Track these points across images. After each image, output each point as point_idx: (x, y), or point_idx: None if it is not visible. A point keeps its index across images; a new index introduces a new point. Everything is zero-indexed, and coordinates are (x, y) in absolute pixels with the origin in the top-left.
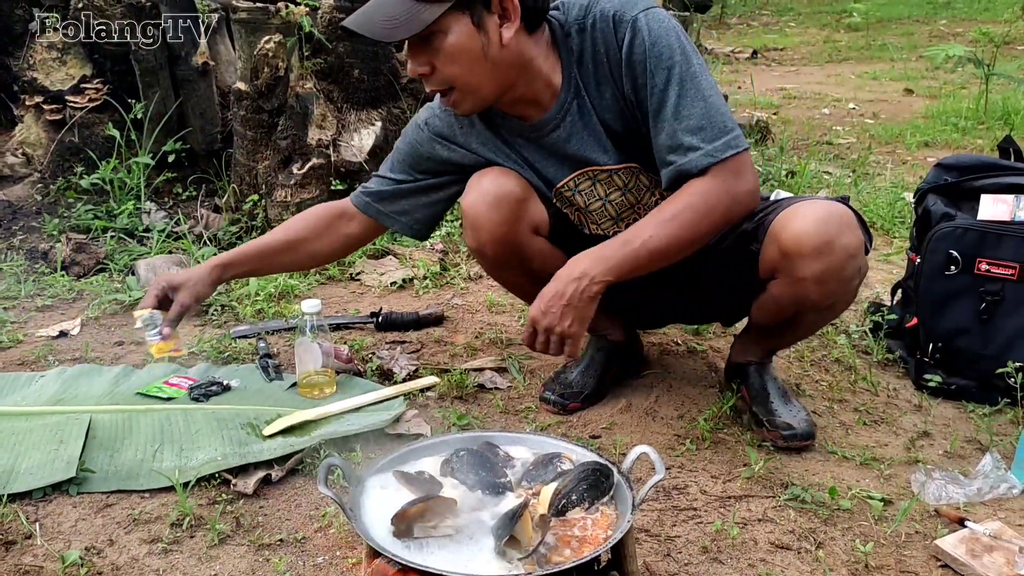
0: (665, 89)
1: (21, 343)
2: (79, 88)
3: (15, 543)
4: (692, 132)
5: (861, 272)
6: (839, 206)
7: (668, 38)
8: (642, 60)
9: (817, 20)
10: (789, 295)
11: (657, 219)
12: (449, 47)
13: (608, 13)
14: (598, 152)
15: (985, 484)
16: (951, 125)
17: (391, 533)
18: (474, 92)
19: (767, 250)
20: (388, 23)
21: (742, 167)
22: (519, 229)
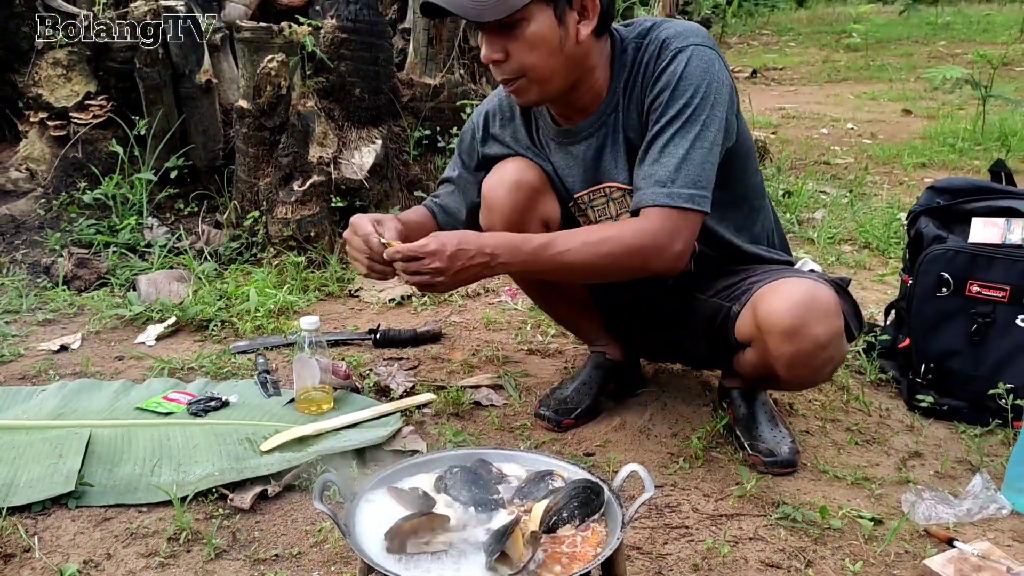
0: (669, 123)
1: (22, 357)
2: (83, 104)
3: (14, 556)
4: (666, 170)
5: (834, 361)
6: (824, 292)
7: (700, 79)
8: (664, 87)
9: (817, 40)
10: (761, 365)
11: (585, 238)
12: (530, 35)
13: (662, 38)
14: (620, 170)
15: (975, 504)
16: (948, 146)
17: (384, 549)
18: (542, 84)
19: (744, 317)
20: (477, 4)
21: (685, 227)
22: (530, 218)
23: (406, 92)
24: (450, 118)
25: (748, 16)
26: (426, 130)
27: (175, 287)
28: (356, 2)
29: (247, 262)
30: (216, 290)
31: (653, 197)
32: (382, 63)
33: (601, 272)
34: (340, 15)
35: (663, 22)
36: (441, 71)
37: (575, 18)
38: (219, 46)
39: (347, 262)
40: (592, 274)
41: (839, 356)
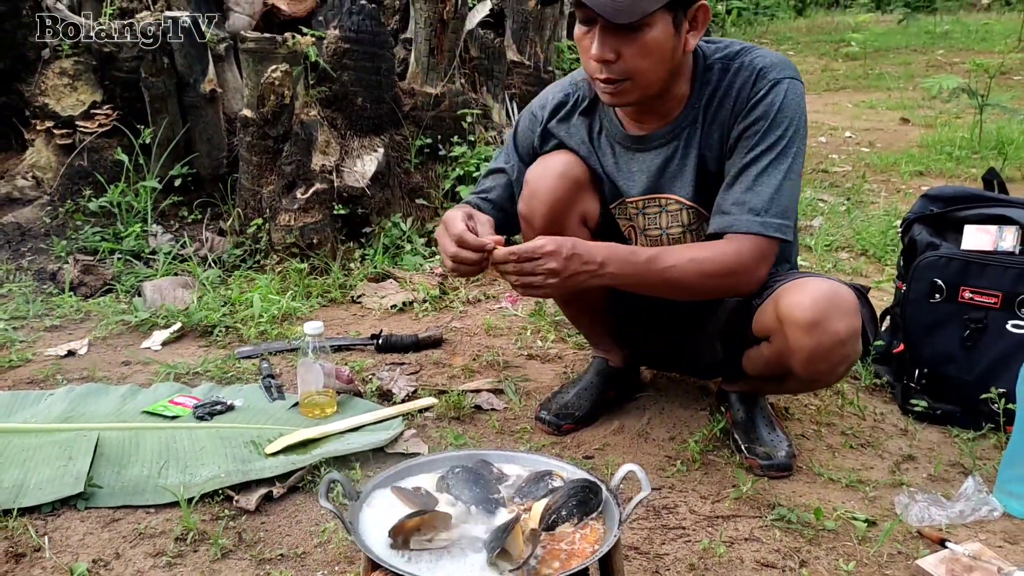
0: (764, 153)
1: (30, 362)
2: (89, 114)
3: (25, 556)
4: (760, 199)
5: (849, 359)
6: (846, 292)
7: (794, 113)
8: (762, 117)
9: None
10: (776, 360)
11: (689, 256)
12: (649, 41)
13: (757, 65)
14: (683, 185)
15: (967, 507)
16: (946, 154)
17: (388, 546)
18: (645, 88)
19: (766, 310)
20: (613, 3)
21: (771, 254)
22: (570, 211)
23: (407, 101)
24: (451, 127)
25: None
26: (427, 138)
27: (180, 293)
28: (359, 13)
29: (251, 269)
30: (220, 296)
31: (748, 225)
32: (384, 73)
33: (695, 290)
34: (343, 26)
35: (752, 48)
36: (442, 80)
37: (686, 27)
38: (223, 56)
39: (349, 268)
40: (687, 291)
41: (854, 355)
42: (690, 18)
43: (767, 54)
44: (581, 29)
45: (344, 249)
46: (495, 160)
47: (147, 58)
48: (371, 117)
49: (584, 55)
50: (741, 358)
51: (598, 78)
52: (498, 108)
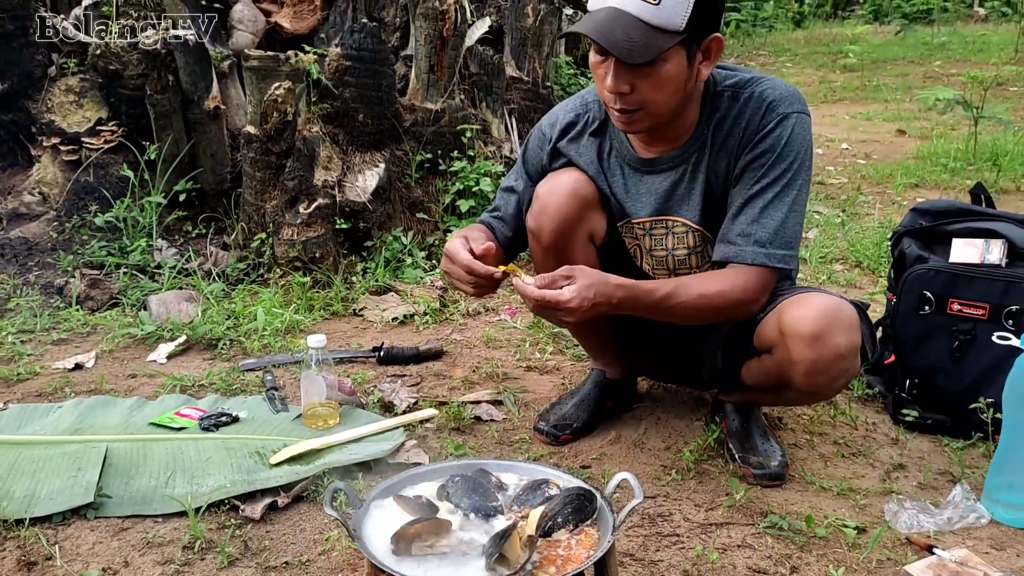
0: (770, 185)
1: (38, 375)
2: (95, 130)
3: (36, 564)
4: (766, 230)
5: (848, 373)
6: (847, 308)
7: (801, 147)
8: (769, 150)
9: (813, 61)
10: (776, 371)
11: (697, 289)
12: (663, 75)
13: (766, 97)
14: (690, 208)
15: (955, 514)
16: (941, 166)
17: (390, 551)
18: (657, 116)
19: (768, 323)
20: (629, 44)
21: (772, 283)
22: (578, 229)
23: (408, 117)
24: (451, 142)
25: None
26: (427, 154)
27: (185, 307)
28: (360, 31)
29: (254, 282)
30: (224, 310)
31: (753, 256)
32: (385, 89)
33: (699, 318)
34: (344, 43)
35: (763, 78)
36: (442, 96)
37: (699, 58)
38: (227, 73)
39: (351, 282)
40: (690, 320)
41: (853, 370)
42: (703, 49)
43: (777, 85)
44: (596, 58)
45: (346, 263)
46: (507, 179)
47: (152, 75)
48: (372, 133)
49: (599, 83)
50: (740, 369)
51: (612, 107)
52: (497, 123)
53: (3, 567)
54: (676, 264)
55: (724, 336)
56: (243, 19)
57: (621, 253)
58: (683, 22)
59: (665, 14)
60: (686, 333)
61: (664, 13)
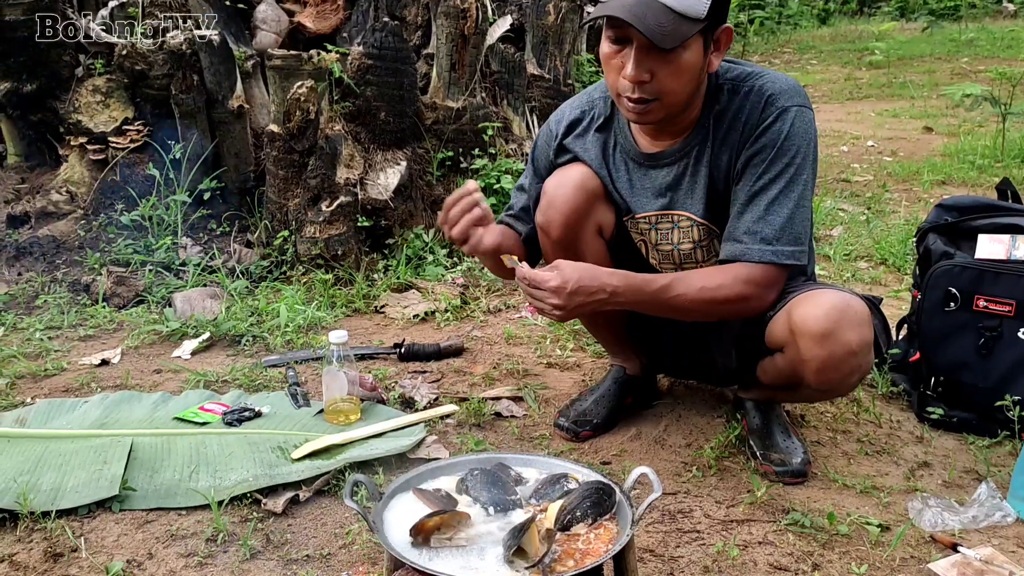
0: (774, 181)
1: (65, 371)
2: (121, 130)
3: (63, 555)
4: (772, 228)
5: (861, 369)
6: (857, 303)
7: (803, 140)
8: (769, 145)
9: (839, 58)
10: (789, 370)
11: (699, 284)
12: (683, 63)
13: (765, 91)
14: (694, 202)
15: (980, 512)
16: (968, 163)
17: (409, 543)
18: (672, 107)
19: (778, 321)
20: (659, 28)
21: (781, 279)
22: (586, 222)
23: (429, 115)
24: (472, 140)
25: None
26: (449, 151)
27: (209, 304)
28: (381, 30)
29: (277, 280)
30: (248, 307)
31: (760, 254)
32: (406, 87)
33: (703, 314)
34: (366, 42)
35: (763, 72)
36: (463, 94)
37: (711, 48)
38: (251, 73)
39: (373, 279)
40: (695, 315)
41: (866, 365)
42: (715, 39)
43: (777, 79)
44: (611, 48)
45: (368, 260)
46: (520, 179)
47: (177, 75)
48: (394, 131)
49: (612, 73)
50: (755, 368)
51: (628, 96)
52: (518, 121)
53: (30, 558)
54: (682, 258)
55: (736, 335)
56: (266, 19)
57: (631, 248)
58: (705, 9)
59: (690, 0)
60: (700, 329)
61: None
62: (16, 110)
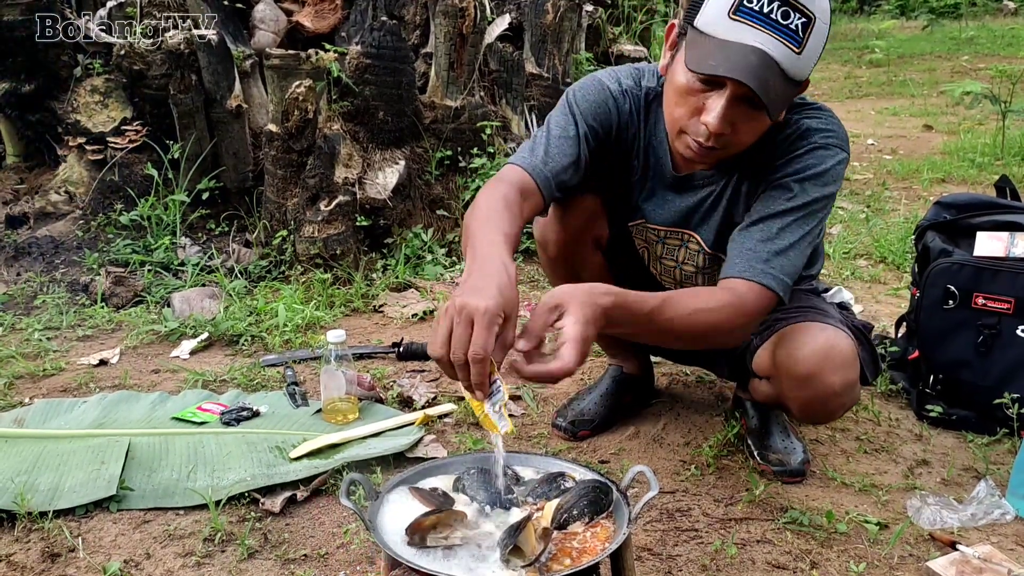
0: (791, 210)
1: (64, 371)
2: (119, 130)
3: (60, 555)
4: (775, 253)
5: (845, 407)
6: (843, 342)
7: (831, 179)
8: (796, 173)
9: (839, 56)
10: (776, 398)
11: (691, 304)
12: (763, 122)
13: (803, 126)
14: (706, 230)
15: (979, 510)
16: (968, 161)
17: (405, 542)
18: (730, 154)
19: (763, 354)
20: (776, 95)
21: (769, 309)
22: (584, 237)
23: (428, 114)
24: (471, 139)
25: None
26: (447, 151)
27: (207, 304)
28: (380, 29)
29: (276, 279)
30: (246, 306)
31: (759, 275)
32: (405, 87)
33: (692, 339)
34: (364, 42)
35: (807, 106)
36: (462, 93)
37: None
38: (249, 72)
39: (371, 279)
40: (684, 340)
41: (851, 402)
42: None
43: (822, 116)
44: (698, 86)
45: (366, 260)
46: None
47: (175, 75)
48: (392, 130)
49: (685, 109)
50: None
51: (699, 141)
52: (517, 120)
53: (28, 558)
54: (683, 278)
55: (726, 354)
56: (265, 18)
57: (631, 254)
58: (809, 73)
59: (801, 64)
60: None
61: (801, 63)
62: (15, 110)
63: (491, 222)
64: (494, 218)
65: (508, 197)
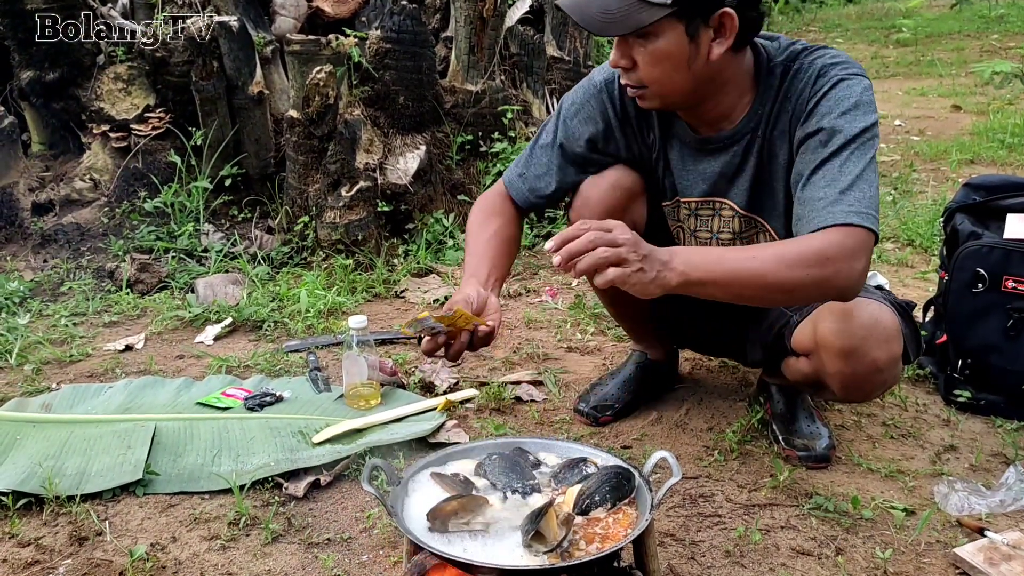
0: (842, 148)
1: (90, 356)
2: (143, 117)
3: (87, 539)
4: (844, 192)
5: (886, 384)
6: (887, 317)
7: (866, 105)
8: (828, 112)
9: (865, 36)
10: (813, 377)
11: (774, 249)
12: (656, 51)
13: (817, 65)
14: (738, 192)
15: (1008, 496)
16: (998, 142)
17: (427, 528)
18: (664, 97)
19: (804, 329)
20: (604, 16)
21: (865, 246)
22: (622, 219)
23: (449, 99)
24: (491, 123)
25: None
26: (468, 135)
27: (231, 290)
28: (400, 13)
29: (298, 265)
30: (269, 292)
31: (836, 216)
32: (425, 71)
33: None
34: (385, 26)
35: (815, 48)
36: (483, 78)
37: (709, 35)
38: (270, 59)
39: (393, 264)
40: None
41: (893, 380)
42: (714, 25)
43: (828, 51)
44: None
45: (388, 245)
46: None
47: (197, 62)
48: (413, 115)
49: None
50: (781, 362)
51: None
52: (538, 104)
53: (56, 542)
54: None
55: (763, 333)
56: (285, 4)
57: (665, 239)
58: None
59: None
60: (726, 323)
61: None
62: (39, 98)
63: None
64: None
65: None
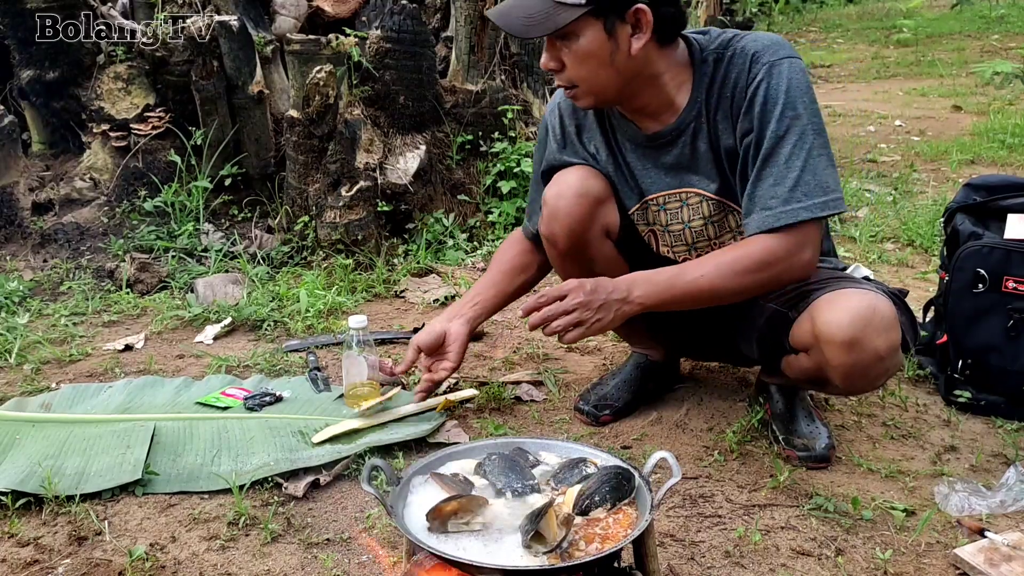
0: (782, 138)
1: (90, 356)
2: (143, 116)
3: (87, 539)
4: (786, 187)
5: (889, 372)
6: (884, 306)
7: (798, 91)
8: (766, 103)
9: (866, 36)
10: (814, 372)
11: (716, 262)
12: (579, 50)
13: (748, 51)
14: (700, 178)
15: (1008, 496)
16: (998, 142)
17: (426, 528)
18: (596, 94)
19: (802, 325)
20: (526, 20)
21: (809, 237)
22: (592, 227)
23: (449, 98)
24: (492, 123)
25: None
26: (468, 135)
27: (231, 289)
28: (400, 13)
29: (298, 265)
30: (269, 292)
31: (775, 218)
32: (425, 71)
33: (733, 294)
34: (385, 26)
35: (743, 34)
36: (483, 77)
37: (627, 32)
38: (270, 58)
39: (393, 264)
40: (725, 296)
41: (894, 368)
42: (631, 22)
43: (759, 37)
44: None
45: (388, 245)
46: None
47: (197, 62)
48: (413, 115)
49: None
50: (779, 360)
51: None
52: (538, 104)
53: (55, 541)
54: (694, 237)
55: (759, 331)
56: (285, 4)
57: (639, 246)
58: None
59: None
60: (721, 323)
61: None
62: (39, 97)
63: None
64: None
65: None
